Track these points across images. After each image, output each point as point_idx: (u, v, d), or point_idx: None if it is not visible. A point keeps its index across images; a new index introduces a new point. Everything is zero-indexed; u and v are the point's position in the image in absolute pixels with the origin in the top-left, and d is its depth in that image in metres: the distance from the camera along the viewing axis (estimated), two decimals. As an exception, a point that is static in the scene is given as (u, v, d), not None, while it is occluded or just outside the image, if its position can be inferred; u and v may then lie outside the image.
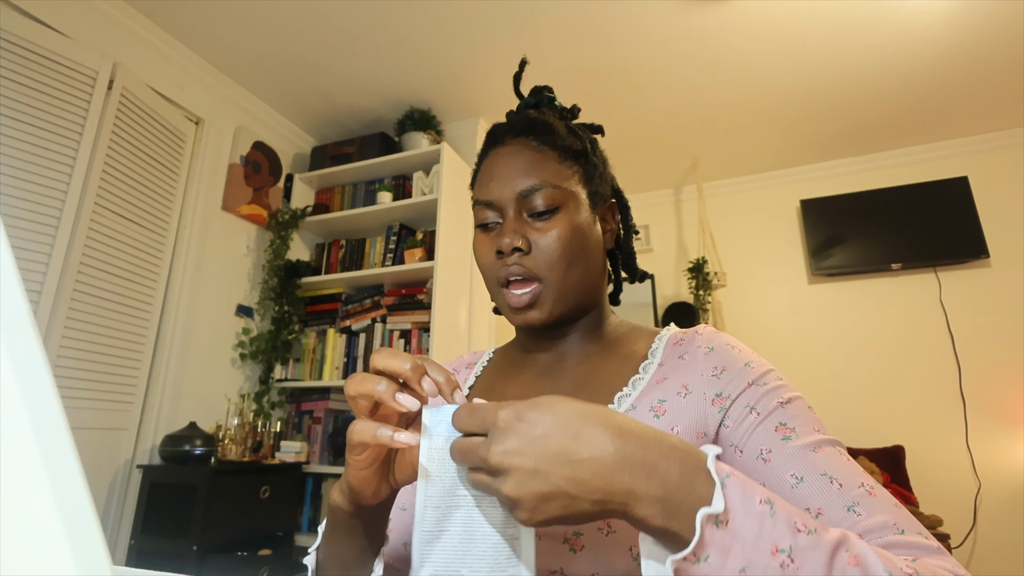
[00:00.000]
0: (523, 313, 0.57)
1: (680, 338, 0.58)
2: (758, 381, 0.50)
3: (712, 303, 3.06)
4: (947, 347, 2.71)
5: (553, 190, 0.57)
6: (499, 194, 0.58)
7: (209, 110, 2.35)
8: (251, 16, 2.06)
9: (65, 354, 1.72)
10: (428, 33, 2.13)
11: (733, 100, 2.56)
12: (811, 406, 0.50)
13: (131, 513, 1.90)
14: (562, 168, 0.58)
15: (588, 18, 2.05)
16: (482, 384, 0.66)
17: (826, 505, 0.43)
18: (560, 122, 0.61)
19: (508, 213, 0.58)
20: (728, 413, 0.49)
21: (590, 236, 0.59)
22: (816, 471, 0.44)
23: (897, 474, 2.51)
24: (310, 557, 0.50)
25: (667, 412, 0.51)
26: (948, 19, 2.06)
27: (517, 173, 0.57)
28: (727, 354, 0.53)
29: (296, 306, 2.53)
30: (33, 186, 1.66)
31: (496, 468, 0.34)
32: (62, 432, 0.19)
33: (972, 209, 2.73)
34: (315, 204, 2.71)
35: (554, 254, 0.56)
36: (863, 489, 0.43)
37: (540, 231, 0.56)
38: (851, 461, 0.46)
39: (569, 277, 0.57)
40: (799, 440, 0.46)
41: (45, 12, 1.75)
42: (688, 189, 3.40)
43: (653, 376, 0.54)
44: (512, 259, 0.56)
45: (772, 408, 0.48)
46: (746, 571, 0.31)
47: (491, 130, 0.64)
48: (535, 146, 0.59)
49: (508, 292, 0.57)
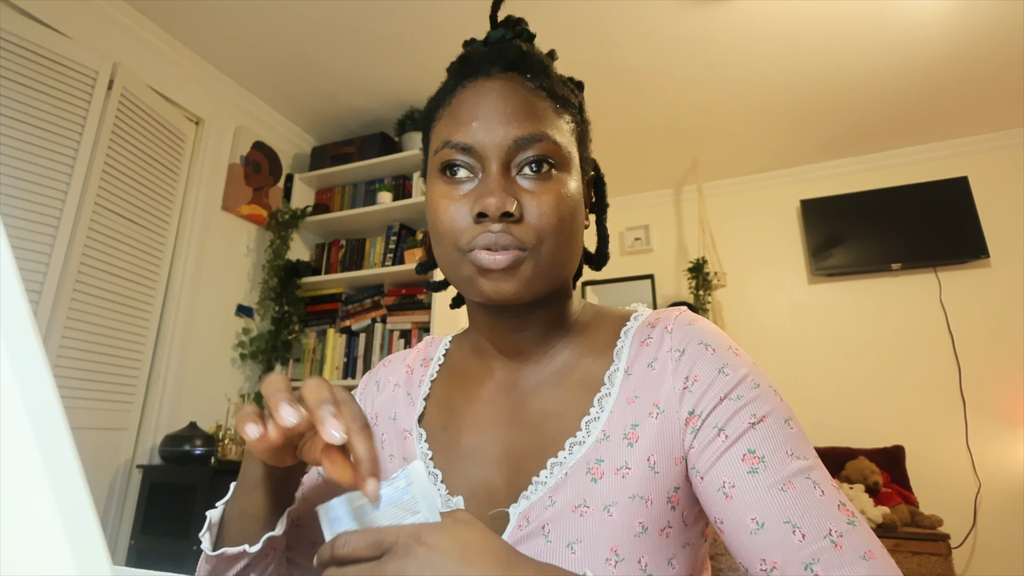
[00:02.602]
0: (495, 282, 0.45)
1: (648, 335, 0.50)
2: (731, 394, 0.45)
3: (712, 303, 3.06)
4: (947, 347, 2.71)
5: (554, 145, 0.46)
6: (484, 138, 0.46)
7: (209, 110, 2.35)
8: (251, 16, 2.06)
9: (65, 354, 1.72)
10: (428, 33, 2.13)
11: (733, 100, 2.56)
12: (790, 418, 0.44)
13: (131, 513, 1.90)
14: (561, 121, 0.48)
15: (588, 18, 2.05)
16: (439, 395, 0.58)
17: (783, 559, 0.39)
18: (553, 64, 0.52)
19: (491, 166, 0.46)
20: (698, 434, 0.44)
21: (580, 209, 0.50)
22: (779, 517, 0.39)
23: (897, 474, 2.51)
24: (215, 511, 0.49)
25: (640, 439, 0.46)
26: (948, 19, 2.06)
27: (513, 116, 0.46)
28: (699, 359, 0.47)
29: (296, 306, 2.53)
30: (33, 186, 1.66)
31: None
32: (62, 432, 0.19)
33: (972, 209, 2.73)
34: (315, 204, 2.71)
35: (549, 224, 0.45)
36: (828, 540, 0.38)
37: (532, 194, 0.46)
38: (826, 495, 0.40)
39: (557, 254, 0.47)
40: (767, 474, 0.41)
41: (45, 12, 1.75)
42: (688, 189, 3.40)
43: (622, 392, 0.48)
44: (498, 226, 0.44)
45: (742, 430, 0.43)
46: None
47: (464, 56, 0.51)
48: (531, 87, 0.48)
49: (480, 254, 0.45)
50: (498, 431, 0.51)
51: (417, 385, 0.60)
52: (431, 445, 0.54)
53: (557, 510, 0.44)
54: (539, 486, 0.46)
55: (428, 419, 0.56)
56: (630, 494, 0.44)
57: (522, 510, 0.46)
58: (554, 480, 0.46)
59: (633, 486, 0.44)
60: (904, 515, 2.26)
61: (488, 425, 0.52)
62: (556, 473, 0.46)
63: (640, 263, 3.46)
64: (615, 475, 0.44)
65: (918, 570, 2.14)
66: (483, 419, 0.53)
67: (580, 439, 0.47)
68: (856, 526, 0.40)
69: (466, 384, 0.57)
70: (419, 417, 0.57)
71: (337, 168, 2.64)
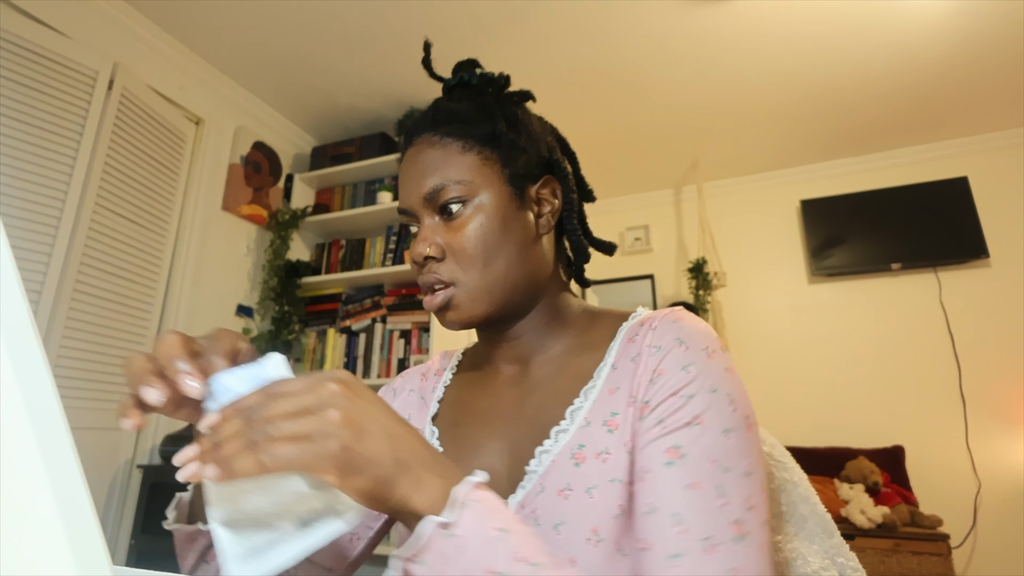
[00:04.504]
0: (440, 316, 0.54)
1: (636, 332, 0.53)
2: (682, 391, 0.46)
3: (712, 303, 3.06)
4: (947, 347, 2.71)
5: (456, 185, 0.53)
6: (407, 201, 0.55)
7: (209, 110, 2.35)
8: (251, 16, 2.06)
9: (65, 354, 1.72)
10: (428, 33, 2.12)
11: (733, 100, 2.56)
12: (732, 428, 0.44)
13: (131, 513, 1.90)
14: (466, 158, 0.54)
15: (588, 18, 2.05)
16: (452, 396, 0.63)
17: (656, 544, 0.41)
18: (470, 104, 0.57)
19: (422, 218, 0.55)
20: (644, 422, 0.47)
21: (513, 225, 0.54)
22: (672, 508, 0.41)
23: (897, 474, 2.51)
24: (187, 493, 0.51)
25: (619, 427, 0.48)
26: (948, 19, 2.06)
27: (419, 175, 0.54)
28: (669, 354, 0.48)
29: (296, 306, 2.53)
30: (33, 186, 1.66)
31: (320, 404, 0.35)
32: (62, 432, 0.19)
33: (972, 209, 2.73)
34: (315, 204, 2.71)
35: (467, 254, 0.52)
36: (704, 543, 0.40)
37: (452, 231, 0.53)
38: (727, 507, 0.41)
39: (488, 275, 0.53)
40: (680, 471, 0.43)
41: (45, 12, 1.75)
42: (688, 189, 3.40)
43: (606, 384, 0.51)
44: (427, 268, 0.54)
45: (677, 426, 0.44)
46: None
47: (406, 128, 0.60)
48: (436, 141, 0.55)
49: (423, 297, 0.55)
50: (503, 426, 0.55)
51: (431, 390, 0.65)
52: (442, 441, 0.58)
53: (546, 495, 0.48)
54: (532, 475, 0.50)
55: (440, 418, 0.61)
56: (610, 477, 0.46)
57: (519, 500, 0.49)
58: (543, 467, 0.49)
59: (613, 470, 0.47)
60: (904, 515, 2.26)
61: (494, 420, 0.56)
62: (544, 460, 0.50)
63: (640, 263, 3.46)
64: (596, 459, 0.47)
65: (918, 570, 2.14)
66: (490, 415, 0.57)
67: (564, 427, 0.50)
68: (740, 544, 0.40)
69: (475, 385, 0.61)
70: (433, 417, 0.62)
71: (337, 168, 2.64)
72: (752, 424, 0.46)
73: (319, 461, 0.33)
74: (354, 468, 0.34)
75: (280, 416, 0.34)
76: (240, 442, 0.33)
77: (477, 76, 0.60)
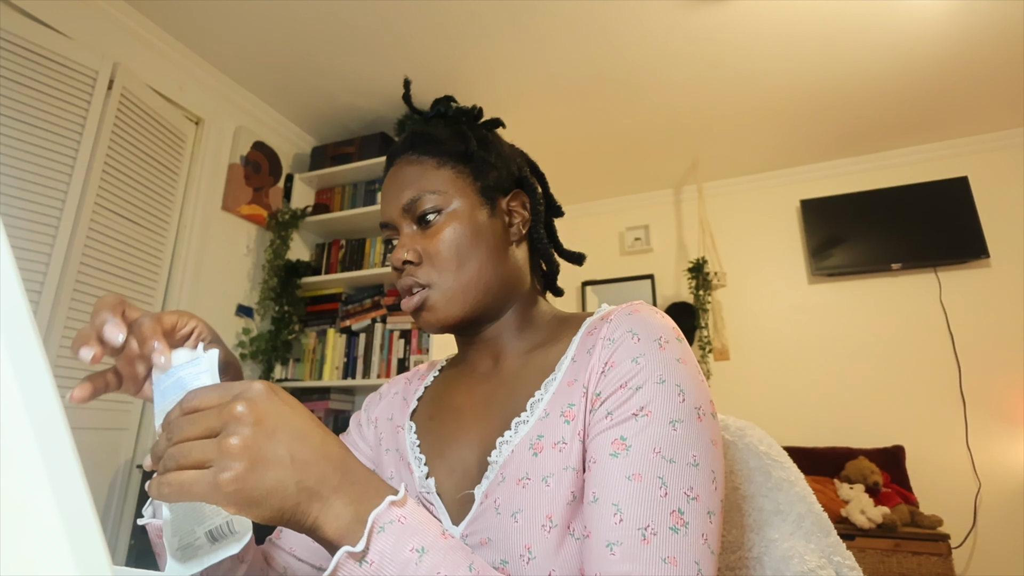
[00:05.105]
0: (417, 317, 0.59)
1: (594, 326, 0.55)
2: (630, 383, 0.47)
3: (712, 303, 3.06)
4: (947, 347, 2.71)
5: (432, 196, 0.58)
6: (388, 213, 0.61)
7: (209, 110, 2.35)
8: (251, 16, 2.06)
9: (65, 354, 1.72)
10: (428, 33, 2.13)
11: (733, 100, 2.56)
12: (679, 420, 0.45)
13: (131, 513, 1.90)
14: (441, 172, 0.59)
15: (588, 18, 2.05)
16: (430, 394, 0.66)
17: (596, 532, 0.42)
18: (445, 129, 0.62)
19: (402, 228, 0.60)
20: (595, 414, 0.48)
21: (484, 232, 0.59)
22: (612, 498, 0.43)
23: (897, 474, 2.51)
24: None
25: (576, 417, 0.50)
26: (948, 19, 2.06)
27: (398, 189, 0.60)
28: (621, 346, 0.50)
29: (296, 306, 2.53)
30: (33, 186, 1.66)
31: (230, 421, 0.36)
32: (62, 432, 0.19)
33: (972, 209, 2.73)
34: (315, 204, 2.71)
35: (442, 257, 0.57)
36: (640, 532, 0.40)
37: (428, 238, 0.58)
38: (667, 497, 0.42)
39: (461, 278, 0.57)
40: (624, 461, 0.44)
41: (45, 12, 1.75)
42: (688, 189, 3.40)
43: (565, 376, 0.53)
44: (405, 272, 0.58)
45: (624, 418, 0.46)
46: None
47: (388, 152, 0.66)
48: (414, 159, 0.61)
49: (402, 300, 0.59)
50: (474, 418, 0.58)
51: (413, 391, 0.69)
52: (419, 435, 0.61)
53: (506, 485, 0.50)
54: (493, 465, 0.52)
55: (418, 413, 0.65)
56: (564, 466, 0.48)
57: (484, 489, 0.51)
58: (503, 458, 0.51)
59: (567, 458, 0.48)
60: (904, 515, 2.26)
61: (466, 414, 0.59)
62: (504, 451, 0.52)
63: (640, 263, 3.46)
64: (553, 449, 0.49)
65: (918, 570, 2.14)
66: (463, 409, 0.60)
67: (524, 418, 0.53)
68: (677, 534, 0.41)
69: (452, 382, 0.65)
70: (412, 413, 0.65)
71: (337, 168, 2.64)
72: (704, 414, 0.46)
73: (212, 493, 0.34)
74: (251, 501, 0.34)
75: (186, 438, 0.35)
76: (160, 465, 0.36)
77: (453, 109, 0.67)
